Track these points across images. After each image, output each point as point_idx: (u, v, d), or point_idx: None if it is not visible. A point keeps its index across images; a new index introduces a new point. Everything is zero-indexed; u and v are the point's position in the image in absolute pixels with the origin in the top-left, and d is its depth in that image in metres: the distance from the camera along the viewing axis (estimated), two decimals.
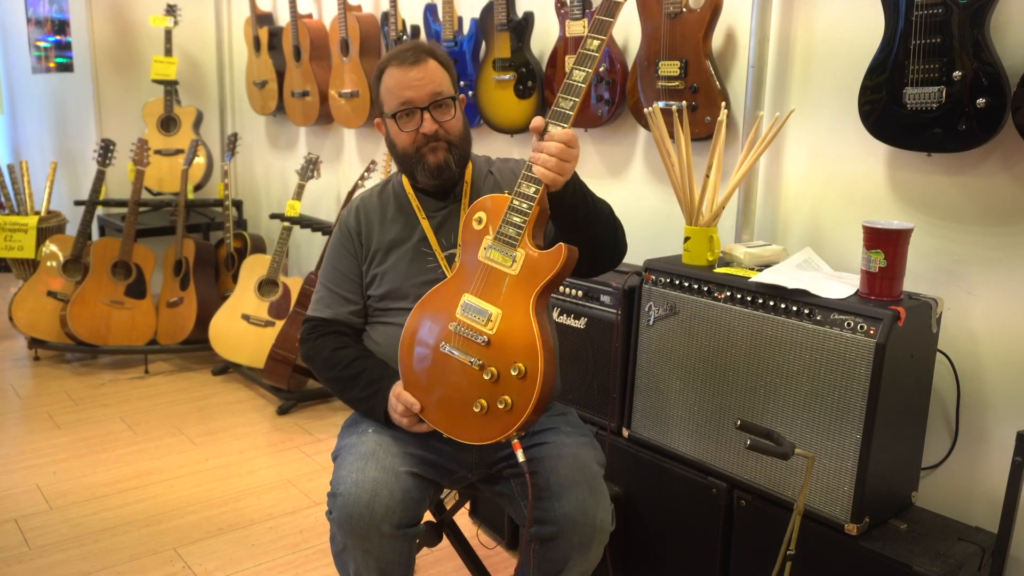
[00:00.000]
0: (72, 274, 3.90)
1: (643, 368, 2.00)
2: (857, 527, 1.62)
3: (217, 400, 3.54)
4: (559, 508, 1.54)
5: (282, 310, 3.59)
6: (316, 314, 1.78)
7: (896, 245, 1.64)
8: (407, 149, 1.68)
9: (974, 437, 1.80)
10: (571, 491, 1.55)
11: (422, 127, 1.64)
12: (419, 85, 1.63)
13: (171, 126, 4.36)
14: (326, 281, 1.79)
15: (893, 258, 1.64)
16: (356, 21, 3.37)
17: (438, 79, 1.65)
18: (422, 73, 1.63)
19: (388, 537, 1.51)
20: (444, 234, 1.73)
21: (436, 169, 1.67)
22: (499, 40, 2.74)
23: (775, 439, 1.46)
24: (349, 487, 1.51)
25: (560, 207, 1.50)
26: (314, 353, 1.75)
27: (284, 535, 2.47)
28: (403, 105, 1.64)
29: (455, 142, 1.68)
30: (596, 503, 1.55)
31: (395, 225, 1.75)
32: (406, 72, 1.63)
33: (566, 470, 1.58)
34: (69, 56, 4.71)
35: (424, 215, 1.74)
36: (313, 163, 3.60)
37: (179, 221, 3.98)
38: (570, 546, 1.54)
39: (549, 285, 1.45)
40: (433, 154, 1.66)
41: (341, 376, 1.70)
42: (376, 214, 1.77)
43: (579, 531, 1.53)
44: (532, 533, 1.58)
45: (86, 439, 3.11)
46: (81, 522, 2.52)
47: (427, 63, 1.65)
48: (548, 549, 1.57)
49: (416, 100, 1.63)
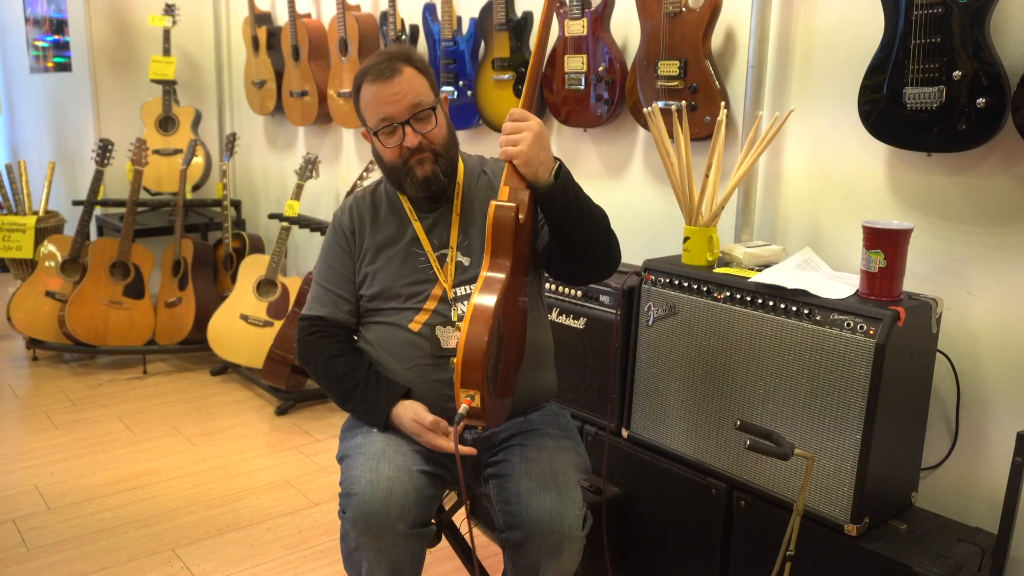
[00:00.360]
0: (70, 274, 3.89)
1: (642, 368, 2.00)
2: (857, 528, 1.62)
3: (215, 400, 3.53)
4: (526, 513, 1.54)
5: (280, 310, 3.58)
6: (312, 312, 1.78)
7: (896, 245, 1.63)
8: (394, 163, 1.67)
9: (974, 437, 1.80)
10: (539, 496, 1.55)
11: (405, 141, 1.62)
12: (396, 100, 1.60)
13: (169, 126, 4.35)
14: (321, 279, 1.79)
15: (893, 258, 1.64)
16: (355, 21, 3.37)
17: (415, 88, 1.62)
18: (398, 87, 1.60)
19: (402, 536, 1.51)
20: (436, 234, 1.73)
21: (424, 182, 1.66)
22: (498, 40, 2.73)
23: (775, 439, 1.46)
24: (364, 486, 1.52)
25: (550, 203, 1.51)
26: (310, 358, 1.76)
27: (282, 536, 2.47)
28: (383, 122, 1.62)
29: (440, 151, 1.66)
30: (564, 509, 1.54)
31: (387, 225, 1.75)
32: (382, 88, 1.61)
33: (537, 475, 1.58)
34: (67, 56, 4.70)
35: (415, 216, 1.74)
36: (312, 163, 3.59)
37: (177, 221, 3.97)
38: (539, 552, 1.54)
39: (492, 244, 1.46)
40: (420, 167, 1.65)
41: (337, 388, 1.72)
42: (369, 214, 1.77)
43: (547, 537, 1.53)
44: (503, 538, 1.59)
45: (84, 439, 3.10)
46: (79, 523, 2.52)
47: (402, 73, 1.61)
48: (519, 555, 1.57)
49: (395, 115, 1.61)
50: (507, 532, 1.58)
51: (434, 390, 1.67)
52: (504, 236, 1.45)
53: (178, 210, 3.99)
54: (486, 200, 1.73)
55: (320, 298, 1.78)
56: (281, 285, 3.65)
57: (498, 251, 1.46)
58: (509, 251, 1.46)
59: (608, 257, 1.63)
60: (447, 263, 1.71)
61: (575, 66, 2.49)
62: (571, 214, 1.53)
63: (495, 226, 1.45)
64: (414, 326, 1.68)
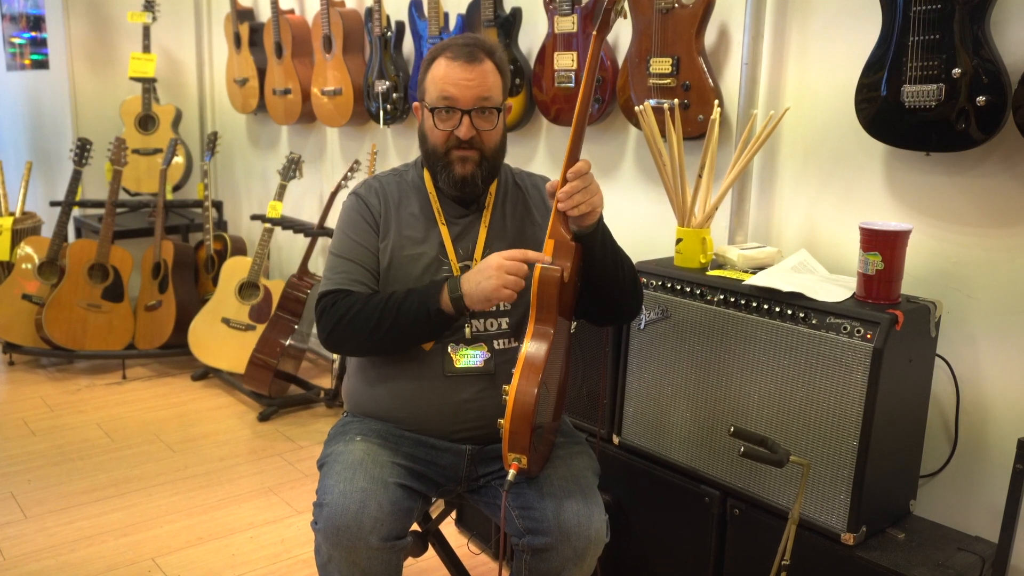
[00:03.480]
0: (48, 277, 3.87)
1: (634, 373, 1.99)
2: (854, 537, 1.61)
3: (196, 406, 3.51)
4: (553, 518, 1.53)
5: (263, 314, 3.57)
6: (338, 286, 1.63)
7: (894, 247, 1.63)
8: (437, 147, 1.62)
9: (974, 444, 1.79)
10: (565, 501, 1.54)
11: (458, 129, 1.58)
12: (468, 85, 1.56)
13: (149, 125, 4.34)
14: (343, 252, 1.67)
15: (891, 260, 1.63)
16: (339, 17, 3.35)
17: (489, 83, 1.58)
18: (474, 74, 1.57)
19: (375, 549, 1.48)
20: (463, 244, 1.68)
21: (460, 181, 1.62)
22: (486, 36, 2.69)
23: (769, 446, 1.46)
24: (336, 497, 1.49)
25: (590, 249, 1.53)
26: (339, 316, 1.59)
27: (265, 545, 2.45)
28: (444, 101, 1.58)
29: (488, 155, 1.62)
30: (591, 513, 1.54)
31: (415, 222, 1.68)
32: (458, 68, 1.57)
33: (560, 480, 1.57)
34: (44, 53, 4.69)
35: (444, 220, 1.68)
36: (295, 163, 3.58)
37: (157, 222, 3.95)
38: (564, 557, 1.53)
39: (537, 306, 1.48)
40: (461, 164, 1.60)
41: (387, 311, 1.57)
42: (396, 202, 1.69)
43: (573, 542, 1.52)
44: (524, 543, 1.57)
45: (62, 446, 3.08)
46: (57, 531, 2.49)
47: (483, 64, 1.58)
48: (541, 560, 1.55)
49: (459, 100, 1.57)
50: (528, 537, 1.55)
51: (443, 412, 1.64)
52: (549, 300, 1.47)
53: (158, 211, 3.97)
54: (517, 216, 1.71)
55: (349, 272, 1.64)
56: (264, 288, 3.64)
57: (543, 316, 1.47)
58: (554, 312, 1.47)
59: (635, 300, 1.67)
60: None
61: (565, 63, 2.47)
62: (607, 259, 1.55)
63: (540, 290, 1.46)
64: (426, 344, 1.64)
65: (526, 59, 2.69)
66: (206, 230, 3.99)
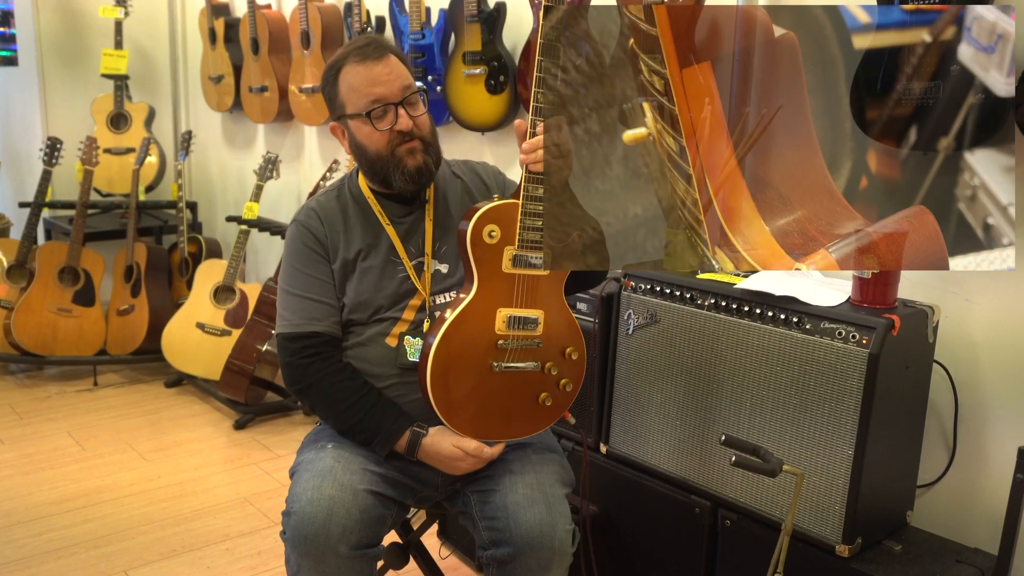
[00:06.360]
0: (16, 280, 3.83)
1: (622, 380, 1.98)
2: (849, 548, 1.60)
3: (170, 414, 3.50)
4: (515, 528, 1.53)
5: (239, 318, 3.54)
6: (302, 330, 1.64)
7: None
8: (381, 151, 1.62)
9: (973, 453, 1.79)
10: (528, 510, 1.54)
11: (397, 124, 1.60)
12: (389, 79, 1.59)
13: (121, 123, 4.30)
14: (299, 290, 1.66)
15: None
16: (317, 12, 3.33)
17: (404, 72, 1.63)
18: (389, 67, 1.60)
19: (345, 558, 1.49)
20: (412, 242, 1.69)
21: (415, 173, 1.63)
22: (469, 32, 2.70)
23: (762, 455, 1.45)
24: (304, 505, 1.49)
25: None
26: (309, 384, 1.64)
27: (241, 557, 2.44)
28: (376, 103, 1.59)
29: (429, 140, 1.65)
30: (554, 523, 1.54)
31: (360, 233, 1.68)
32: (372, 67, 1.59)
33: (524, 488, 1.58)
34: (13, 49, 4.63)
35: (388, 221, 1.69)
36: (272, 162, 3.55)
37: (130, 224, 3.92)
38: (527, 568, 1.53)
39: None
40: (411, 156, 1.62)
41: (342, 416, 1.64)
42: (339, 221, 1.69)
43: (536, 553, 1.52)
44: (488, 555, 1.57)
45: (31, 455, 3.05)
46: (26, 543, 2.47)
47: (389, 57, 1.62)
48: (505, 572, 1.56)
49: (388, 96, 1.59)
50: (492, 549, 1.57)
51: (412, 410, 1.64)
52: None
53: (131, 212, 3.93)
54: (460, 204, 1.71)
55: (307, 310, 1.65)
56: (240, 292, 3.61)
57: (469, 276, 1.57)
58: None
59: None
60: (424, 272, 1.67)
61: None
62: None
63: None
64: (391, 340, 1.64)
65: (511, 56, 2.67)
66: (180, 232, 3.96)
